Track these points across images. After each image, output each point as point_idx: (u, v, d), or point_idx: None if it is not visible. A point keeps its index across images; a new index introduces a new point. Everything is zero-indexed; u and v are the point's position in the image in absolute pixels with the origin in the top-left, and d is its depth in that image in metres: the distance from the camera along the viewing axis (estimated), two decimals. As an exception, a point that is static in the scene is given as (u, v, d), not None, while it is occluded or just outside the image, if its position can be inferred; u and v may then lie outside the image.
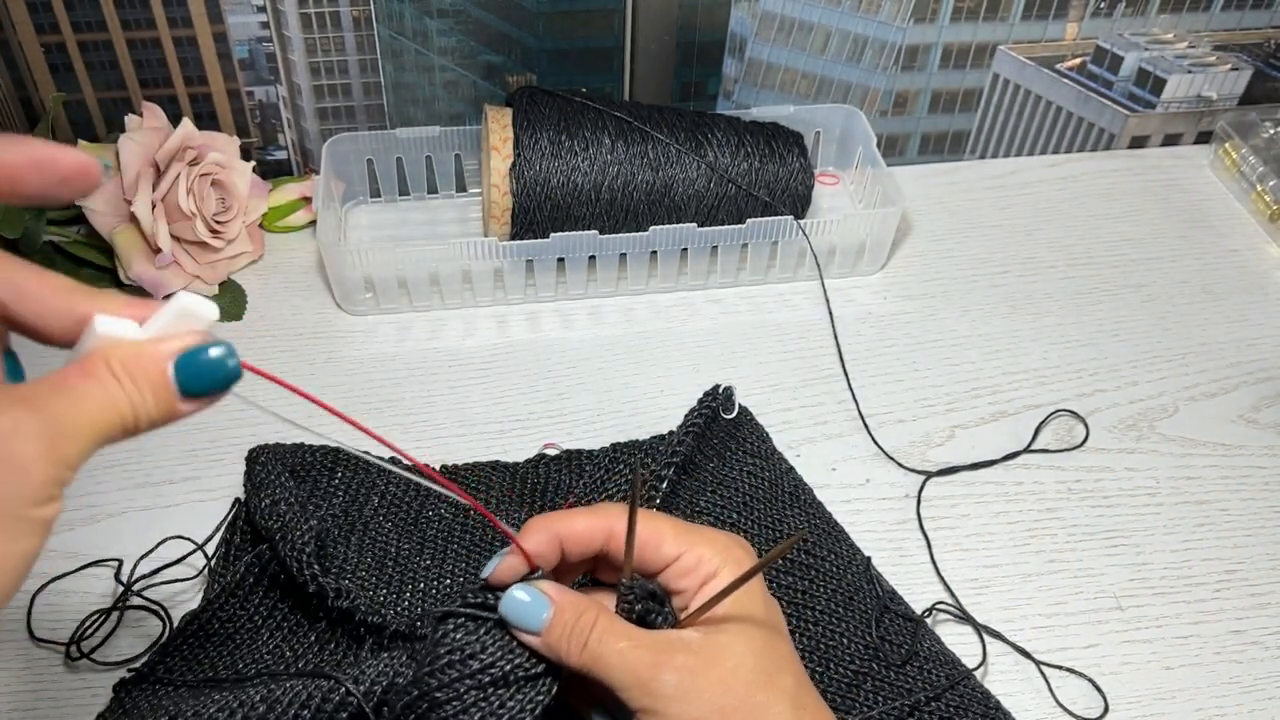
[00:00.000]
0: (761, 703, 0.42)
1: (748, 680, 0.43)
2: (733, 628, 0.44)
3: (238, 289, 0.81)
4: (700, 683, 0.42)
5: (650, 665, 0.42)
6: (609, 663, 0.42)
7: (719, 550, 0.45)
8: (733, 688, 0.42)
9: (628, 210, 0.78)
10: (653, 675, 0.42)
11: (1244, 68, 0.95)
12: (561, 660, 0.43)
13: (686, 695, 0.42)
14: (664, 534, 0.45)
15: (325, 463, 0.64)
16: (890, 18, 0.87)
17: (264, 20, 0.81)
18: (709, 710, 0.42)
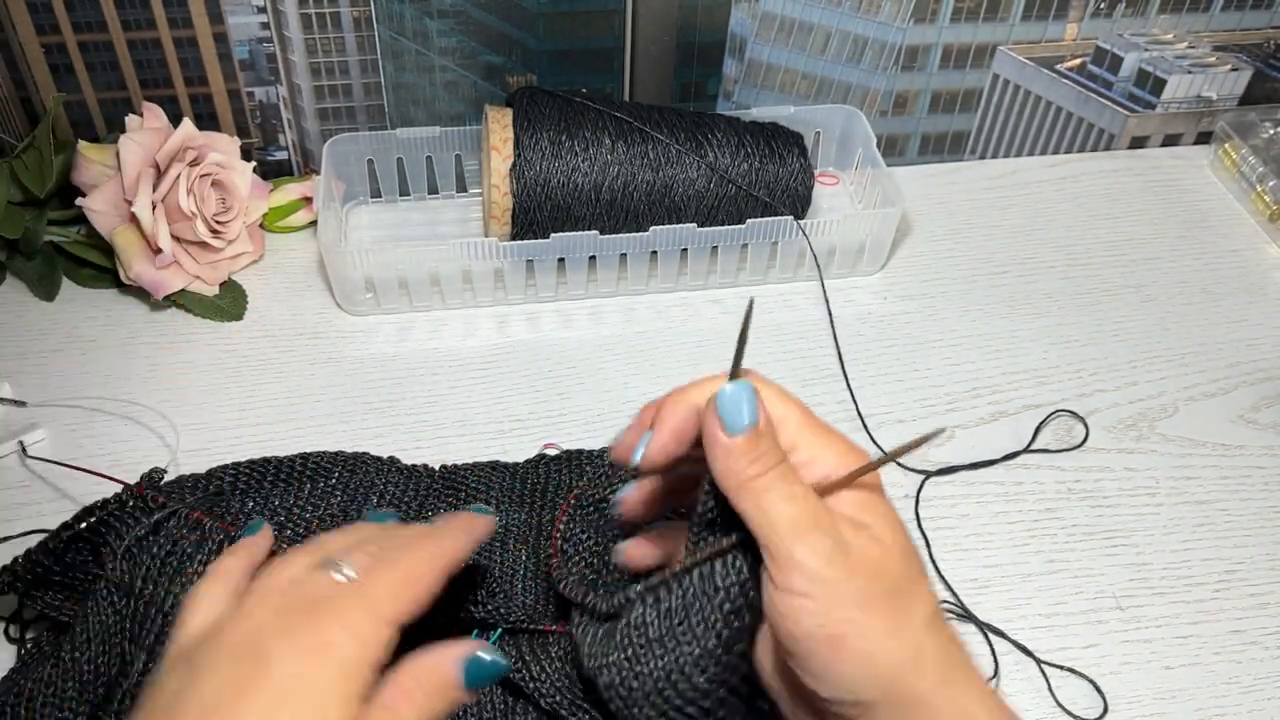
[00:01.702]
0: (905, 604, 0.40)
1: (894, 577, 0.41)
2: (884, 525, 0.42)
3: (238, 289, 0.81)
4: (853, 560, 0.40)
5: (814, 521, 0.40)
6: (776, 500, 0.40)
7: (841, 454, 0.43)
8: (877, 577, 0.40)
9: (628, 210, 0.78)
10: (814, 530, 0.40)
11: (1244, 68, 0.95)
12: (732, 472, 0.41)
13: (838, 564, 0.40)
14: (788, 420, 0.43)
15: (323, 465, 0.64)
16: (890, 18, 0.87)
17: (264, 21, 0.81)
18: (855, 586, 0.40)
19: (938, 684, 0.40)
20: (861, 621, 0.39)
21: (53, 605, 0.57)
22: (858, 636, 0.39)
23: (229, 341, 0.77)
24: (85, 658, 0.52)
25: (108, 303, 0.80)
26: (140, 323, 0.78)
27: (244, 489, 0.61)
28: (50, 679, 0.53)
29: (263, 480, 0.62)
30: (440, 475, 0.65)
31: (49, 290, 0.79)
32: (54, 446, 0.70)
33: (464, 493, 0.64)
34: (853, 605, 0.39)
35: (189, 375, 0.75)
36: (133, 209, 0.74)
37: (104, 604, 0.54)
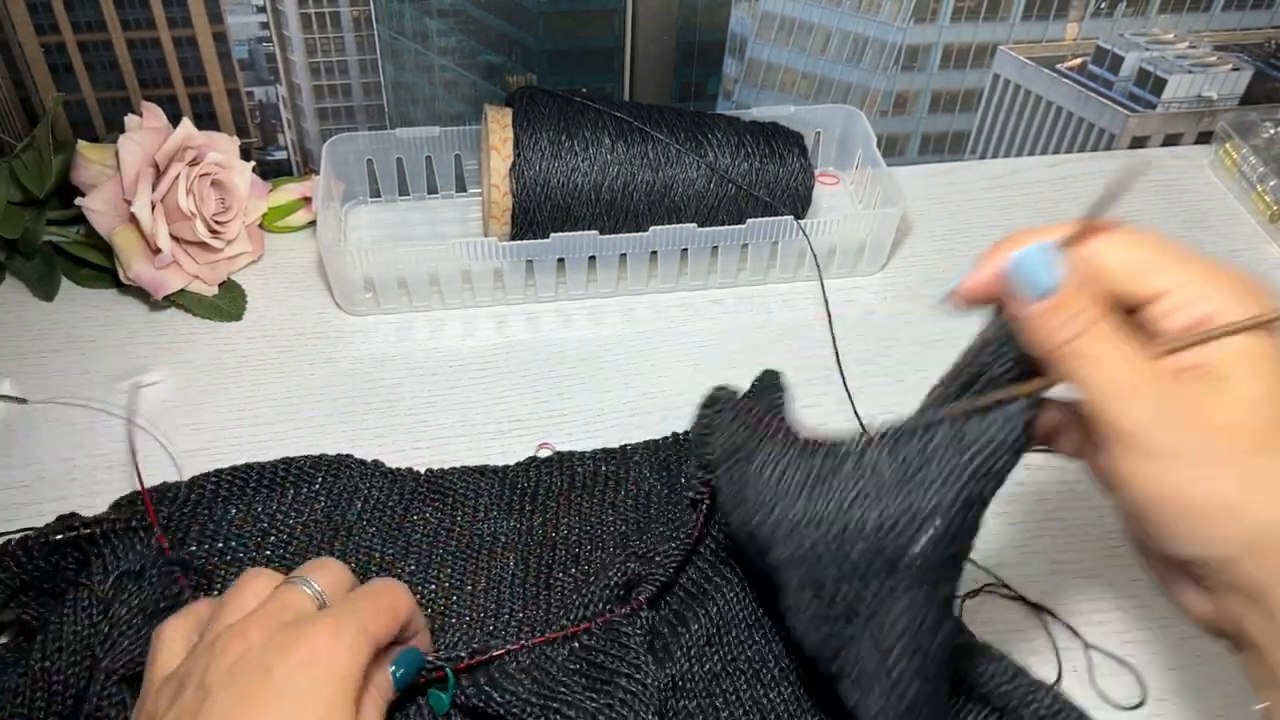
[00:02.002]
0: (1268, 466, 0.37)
1: (1254, 432, 0.37)
2: (1237, 376, 0.38)
3: (237, 289, 0.80)
4: (1194, 418, 0.37)
5: (1137, 383, 0.38)
6: (1092, 365, 0.38)
7: (1226, 288, 0.40)
8: (1230, 433, 0.37)
9: (628, 210, 0.78)
10: (1137, 394, 0.37)
11: (1244, 68, 0.95)
12: (1042, 339, 0.39)
13: (1173, 424, 0.37)
14: (1164, 252, 0.40)
15: (304, 469, 0.63)
16: (890, 18, 0.87)
17: (264, 20, 0.81)
18: (1199, 447, 0.37)
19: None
20: (1208, 479, 0.37)
21: (29, 609, 0.56)
22: (1206, 495, 0.37)
23: (228, 341, 0.77)
24: (55, 668, 0.52)
25: (107, 303, 0.79)
26: (139, 323, 0.78)
27: (226, 496, 0.61)
28: (18, 689, 0.52)
29: (245, 487, 0.61)
30: (426, 479, 0.65)
31: (48, 290, 0.79)
32: (53, 446, 0.70)
33: (450, 497, 0.64)
34: (1195, 464, 0.37)
35: (188, 375, 0.75)
36: (132, 209, 0.74)
37: (81, 615, 0.53)
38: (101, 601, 0.53)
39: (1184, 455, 0.37)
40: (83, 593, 0.53)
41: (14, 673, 0.53)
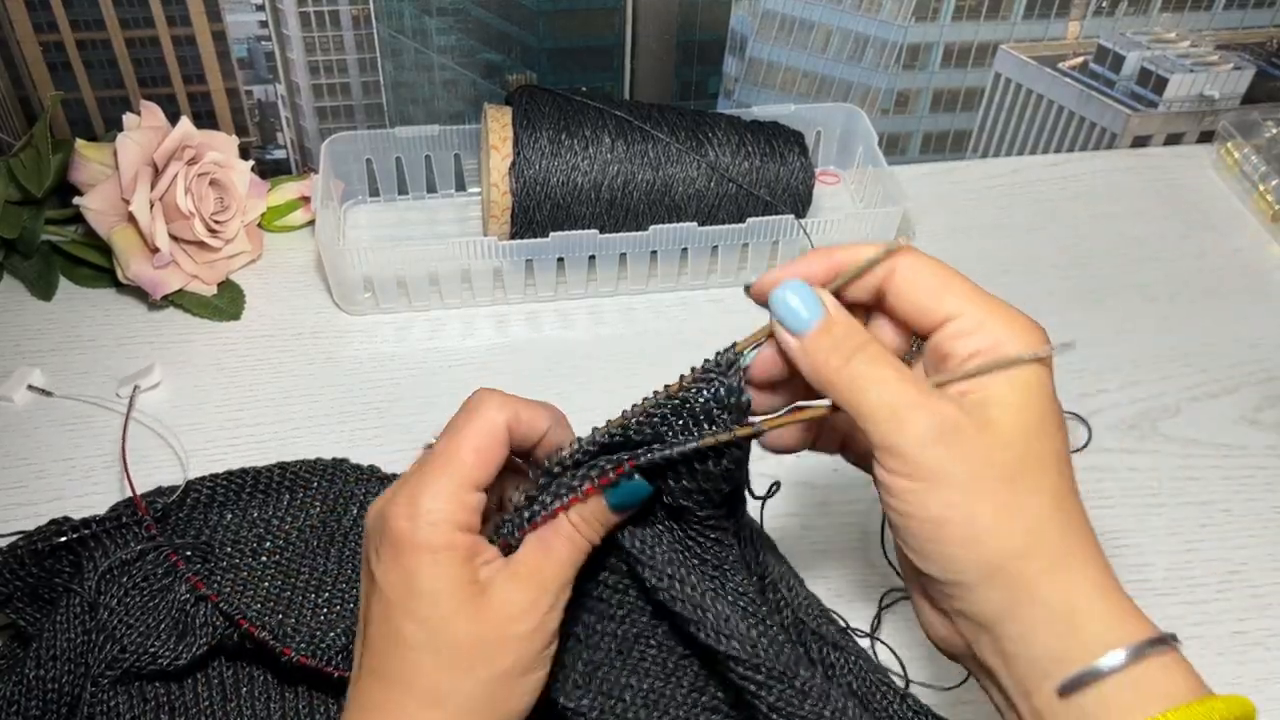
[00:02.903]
0: (1023, 487, 0.39)
1: (1010, 462, 0.39)
2: (1006, 404, 0.39)
3: (236, 289, 0.80)
4: (958, 442, 0.38)
5: (912, 403, 0.39)
6: (866, 386, 0.40)
7: (1010, 324, 0.40)
8: (989, 460, 0.38)
9: (628, 210, 0.78)
10: (911, 414, 0.39)
11: (1246, 67, 0.94)
12: (815, 372, 0.41)
13: (939, 446, 0.38)
14: (952, 285, 0.41)
15: (300, 474, 0.63)
16: (891, 17, 0.87)
17: (263, 19, 0.81)
18: (960, 469, 0.38)
19: (1045, 571, 0.38)
20: (965, 506, 0.38)
21: (24, 615, 0.56)
22: (961, 522, 0.38)
23: (226, 341, 0.77)
24: (50, 675, 0.52)
25: (105, 302, 0.79)
26: (138, 322, 0.78)
27: (222, 501, 0.61)
28: (13, 697, 0.52)
29: (240, 492, 0.61)
30: None
31: (46, 290, 0.79)
32: (51, 446, 0.70)
33: None
34: (957, 489, 0.38)
35: (186, 375, 0.74)
36: (130, 208, 0.73)
37: (75, 621, 0.53)
38: (92, 606, 0.52)
39: (948, 480, 0.38)
40: (75, 599, 0.53)
41: (8, 680, 0.52)
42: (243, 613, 0.54)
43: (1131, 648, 0.37)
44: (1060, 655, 0.38)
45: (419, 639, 0.40)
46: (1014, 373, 0.40)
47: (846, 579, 0.64)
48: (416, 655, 0.40)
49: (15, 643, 0.57)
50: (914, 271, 0.42)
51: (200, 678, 0.55)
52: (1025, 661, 0.39)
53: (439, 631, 0.40)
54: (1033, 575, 0.38)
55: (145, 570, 0.54)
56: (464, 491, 0.42)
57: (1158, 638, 0.37)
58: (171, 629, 0.53)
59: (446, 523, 0.41)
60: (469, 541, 0.42)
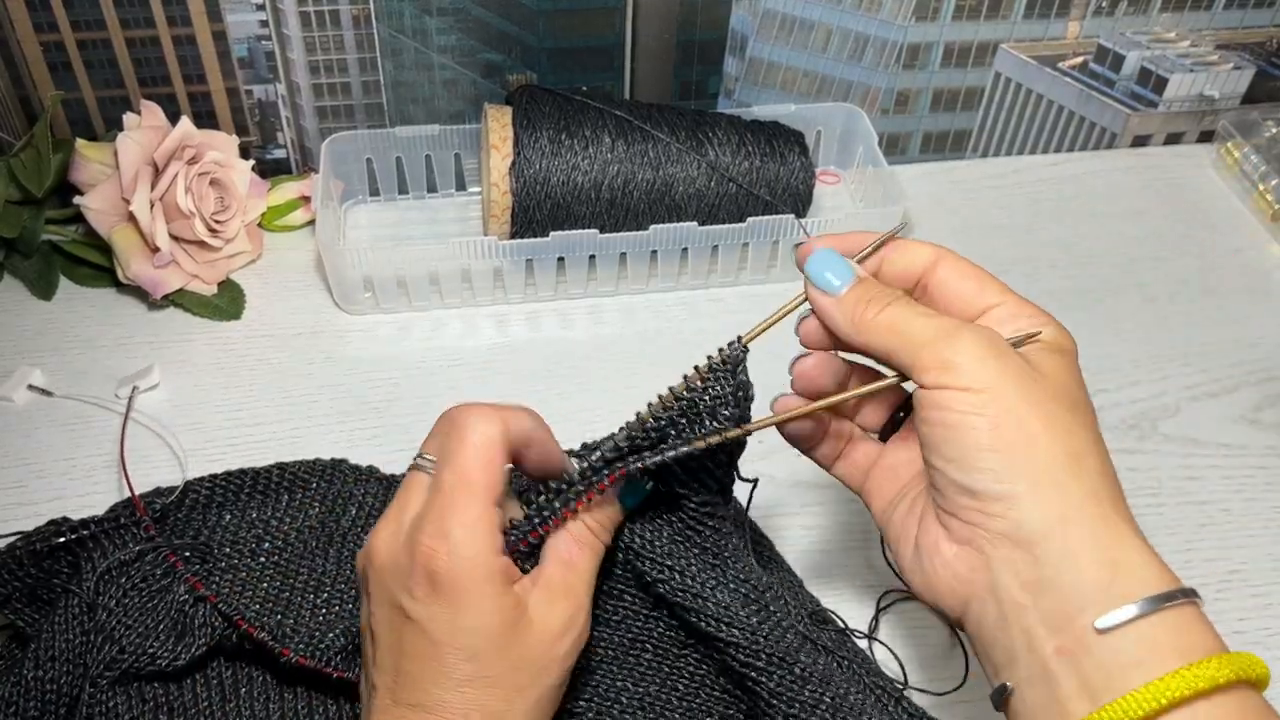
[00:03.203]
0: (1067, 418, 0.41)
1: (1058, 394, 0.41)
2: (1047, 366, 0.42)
3: (236, 288, 0.80)
4: (1011, 363, 0.41)
5: (960, 326, 0.42)
6: (908, 322, 0.42)
7: (1041, 315, 0.44)
8: (1039, 388, 0.41)
9: (628, 209, 0.78)
10: (964, 331, 0.41)
11: (1246, 67, 0.94)
12: (851, 323, 0.44)
13: (995, 357, 0.41)
14: (991, 281, 0.45)
15: (299, 475, 0.63)
16: (892, 16, 0.87)
17: (263, 19, 0.81)
18: (1012, 385, 0.40)
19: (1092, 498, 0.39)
20: (1022, 413, 0.40)
21: (22, 615, 0.56)
22: (1016, 426, 0.40)
23: (227, 341, 0.77)
24: (48, 676, 0.52)
25: (106, 302, 0.79)
26: (138, 322, 0.78)
27: (221, 501, 0.61)
28: (11, 698, 0.52)
29: (239, 492, 0.61)
30: None
31: (46, 289, 0.79)
32: (51, 445, 0.70)
33: None
34: (1011, 397, 0.40)
35: (186, 375, 0.75)
36: (131, 208, 0.73)
37: (73, 622, 0.53)
38: (91, 607, 0.52)
39: (1002, 390, 0.40)
40: (74, 600, 0.53)
41: (7, 681, 0.52)
42: (241, 613, 0.54)
43: (1174, 590, 0.37)
44: (1100, 587, 0.38)
45: (470, 673, 0.40)
46: (1053, 343, 0.43)
47: (846, 579, 0.64)
48: (468, 688, 0.40)
49: (14, 643, 0.57)
50: (956, 268, 0.45)
51: (199, 678, 0.55)
52: (1063, 589, 0.38)
53: (492, 663, 0.41)
54: (1079, 496, 0.39)
55: (144, 571, 0.54)
56: (489, 515, 0.42)
57: (1184, 589, 0.38)
58: (170, 630, 0.53)
59: (485, 552, 0.41)
60: (504, 565, 0.42)
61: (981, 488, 0.40)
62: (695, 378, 0.46)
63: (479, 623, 0.40)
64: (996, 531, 0.40)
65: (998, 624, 0.40)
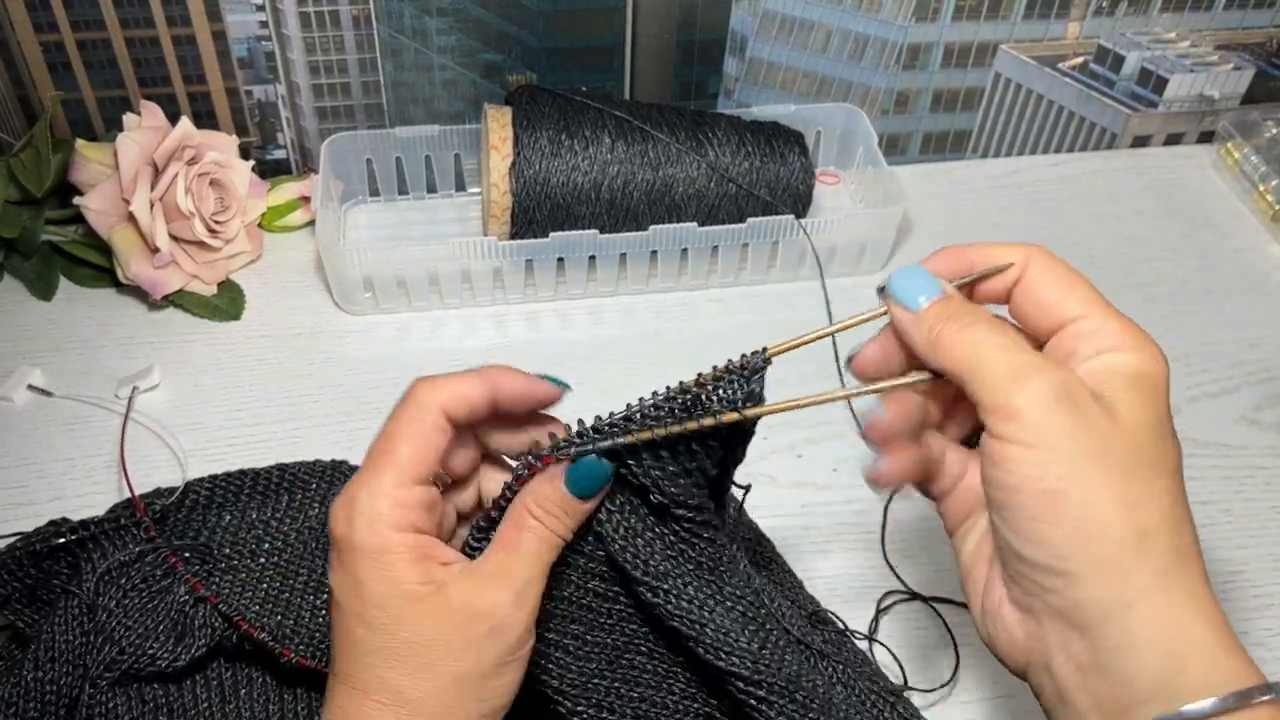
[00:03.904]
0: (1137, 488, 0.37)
1: (1132, 451, 0.37)
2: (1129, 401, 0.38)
3: (236, 289, 0.80)
4: (1083, 414, 0.37)
5: (1036, 365, 0.38)
6: (986, 348, 0.39)
7: (1131, 332, 0.40)
8: (1109, 443, 0.37)
9: (628, 210, 0.78)
10: (1036, 375, 0.38)
11: (1246, 67, 0.94)
12: (930, 340, 0.40)
13: (1063, 409, 0.37)
14: (1078, 288, 0.41)
15: (299, 476, 0.63)
16: (891, 16, 0.87)
17: (263, 19, 0.81)
18: (1081, 443, 0.37)
19: (1157, 576, 0.36)
20: (1083, 484, 0.36)
21: (22, 616, 0.56)
22: (1080, 500, 0.36)
23: (226, 341, 0.77)
24: (48, 677, 0.52)
25: (105, 302, 0.79)
26: (138, 322, 0.78)
27: (221, 502, 0.61)
28: (11, 699, 0.51)
29: (240, 493, 0.61)
30: None
31: (46, 290, 0.79)
32: (51, 446, 0.70)
33: None
34: (1076, 463, 0.37)
35: (186, 375, 0.74)
36: (130, 208, 0.73)
37: (73, 623, 0.53)
38: (91, 609, 0.52)
39: (1068, 452, 0.37)
40: (74, 601, 0.53)
41: (6, 682, 0.52)
42: (241, 614, 0.54)
43: (1239, 693, 0.35)
44: (1162, 682, 0.35)
45: (371, 643, 0.39)
46: (1136, 374, 0.39)
47: (846, 580, 0.64)
48: (370, 659, 0.39)
49: (13, 644, 0.57)
50: (1045, 272, 0.42)
51: (199, 679, 0.55)
52: (1118, 677, 0.36)
53: (391, 634, 0.39)
54: (1143, 580, 0.36)
55: (144, 572, 0.54)
56: (400, 489, 0.40)
57: (1264, 684, 0.35)
58: (170, 630, 0.53)
59: (384, 523, 0.39)
60: (413, 541, 0.40)
61: (1038, 560, 0.37)
62: (707, 376, 0.44)
63: (377, 590, 0.39)
64: (1054, 607, 0.38)
65: (1055, 697, 0.39)
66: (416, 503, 0.41)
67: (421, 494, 0.41)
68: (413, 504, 0.40)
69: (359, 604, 0.40)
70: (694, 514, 0.44)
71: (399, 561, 0.39)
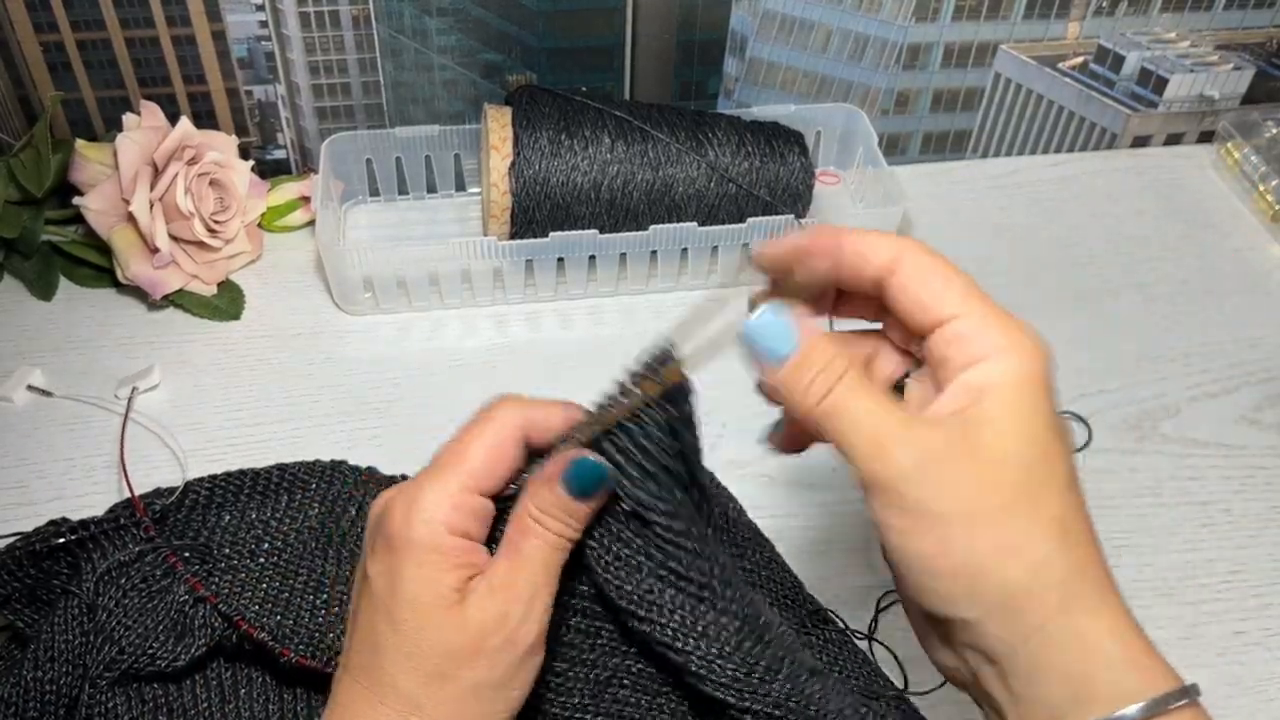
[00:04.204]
0: (1019, 526, 0.36)
1: (1008, 489, 0.36)
2: (1001, 425, 0.37)
3: (236, 289, 0.80)
4: (947, 472, 0.36)
5: (894, 435, 0.37)
6: (845, 421, 0.38)
7: (1005, 331, 0.38)
8: (982, 487, 0.36)
9: (628, 210, 0.78)
10: (894, 447, 0.37)
11: (1246, 67, 0.94)
12: (793, 404, 0.39)
13: (926, 479, 0.36)
14: (952, 284, 0.39)
15: (298, 476, 0.63)
16: (891, 16, 0.87)
17: (263, 19, 0.81)
18: (951, 503, 0.36)
19: (1054, 607, 0.36)
20: (961, 540, 0.36)
21: (22, 616, 0.56)
22: (962, 556, 0.36)
23: (226, 341, 0.77)
24: (48, 677, 0.51)
25: (105, 302, 0.79)
26: (138, 323, 0.78)
27: (220, 502, 0.60)
28: (10, 699, 0.51)
29: (239, 493, 0.61)
30: None
31: (46, 290, 0.79)
32: (51, 446, 0.70)
33: None
34: (950, 523, 0.36)
35: (186, 375, 0.74)
36: (130, 208, 0.73)
37: (73, 623, 0.53)
38: (90, 609, 0.52)
39: (940, 515, 0.36)
40: (73, 601, 0.53)
41: (6, 682, 0.52)
42: (241, 614, 0.54)
43: (1150, 701, 0.35)
44: (1073, 701, 0.36)
45: (395, 644, 0.39)
46: (1013, 382, 0.37)
47: (845, 580, 0.64)
48: (392, 660, 0.39)
49: (13, 644, 0.57)
50: (917, 267, 0.39)
51: (199, 679, 0.55)
52: (1034, 703, 0.37)
53: (415, 639, 0.39)
54: (1041, 612, 0.36)
55: (144, 571, 0.54)
56: (465, 494, 0.40)
57: (1178, 689, 0.35)
58: (170, 630, 0.53)
59: (441, 524, 0.40)
60: (462, 547, 0.40)
61: (937, 611, 0.38)
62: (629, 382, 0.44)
63: (412, 591, 0.39)
64: (964, 643, 0.38)
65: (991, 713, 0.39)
66: (475, 512, 0.41)
67: (481, 505, 0.41)
68: (472, 512, 0.41)
69: (391, 600, 0.39)
70: (669, 521, 0.43)
71: (445, 564, 0.40)
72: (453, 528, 0.40)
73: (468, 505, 0.40)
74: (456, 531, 0.40)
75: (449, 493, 0.40)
